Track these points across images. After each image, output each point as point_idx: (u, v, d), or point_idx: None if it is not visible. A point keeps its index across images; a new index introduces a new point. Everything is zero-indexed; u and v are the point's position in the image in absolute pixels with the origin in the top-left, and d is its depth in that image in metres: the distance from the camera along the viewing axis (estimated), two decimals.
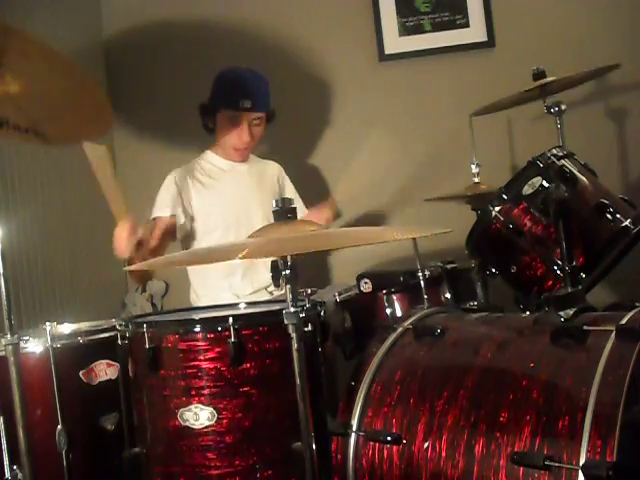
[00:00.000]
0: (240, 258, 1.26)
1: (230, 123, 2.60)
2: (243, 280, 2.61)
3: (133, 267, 2.28)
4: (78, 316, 2.11)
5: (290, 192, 2.81)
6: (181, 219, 2.58)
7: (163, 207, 2.56)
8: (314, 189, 3.12)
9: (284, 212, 1.44)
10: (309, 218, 2.62)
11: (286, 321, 1.39)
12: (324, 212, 2.74)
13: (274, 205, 1.45)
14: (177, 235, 2.60)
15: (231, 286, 2.60)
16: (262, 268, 2.54)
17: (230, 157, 2.70)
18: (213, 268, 2.50)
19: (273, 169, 2.84)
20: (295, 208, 1.45)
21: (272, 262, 1.40)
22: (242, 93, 2.55)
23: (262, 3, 3.21)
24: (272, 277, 1.39)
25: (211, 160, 2.72)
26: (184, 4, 3.21)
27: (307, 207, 2.79)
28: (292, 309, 1.39)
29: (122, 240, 2.19)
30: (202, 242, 2.59)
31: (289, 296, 1.40)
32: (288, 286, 1.39)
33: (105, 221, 2.23)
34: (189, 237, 2.63)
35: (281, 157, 2.94)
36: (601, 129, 3.05)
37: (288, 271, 1.37)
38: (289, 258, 1.38)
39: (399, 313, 2.12)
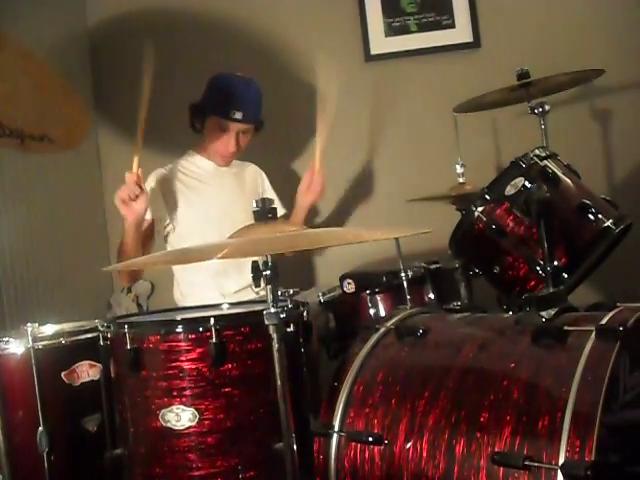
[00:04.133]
0: (219, 258, 1.26)
1: (218, 130, 2.59)
2: (229, 279, 2.61)
3: (110, 268, 2.27)
4: (64, 317, 2.09)
5: (269, 193, 2.82)
6: (160, 220, 2.57)
7: None
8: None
9: (264, 212, 1.44)
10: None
11: (267, 322, 1.39)
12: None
13: (254, 205, 1.45)
14: (155, 236, 2.59)
15: (217, 285, 2.60)
16: (247, 266, 2.53)
17: (214, 160, 2.71)
18: (199, 268, 2.50)
19: (252, 171, 2.85)
20: (275, 208, 1.45)
21: (252, 262, 1.40)
22: (234, 103, 2.53)
23: (248, 2, 3.21)
24: (252, 277, 1.39)
25: (194, 161, 2.72)
26: (171, 1, 3.20)
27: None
28: (273, 310, 1.39)
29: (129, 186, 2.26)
30: (186, 243, 2.56)
31: (269, 297, 1.39)
32: (268, 286, 1.39)
33: (91, 223, 2.21)
34: (173, 238, 2.63)
35: (265, 157, 2.93)
36: (585, 130, 3.06)
37: (268, 271, 1.37)
38: (269, 258, 1.38)
39: (382, 313, 2.13)
